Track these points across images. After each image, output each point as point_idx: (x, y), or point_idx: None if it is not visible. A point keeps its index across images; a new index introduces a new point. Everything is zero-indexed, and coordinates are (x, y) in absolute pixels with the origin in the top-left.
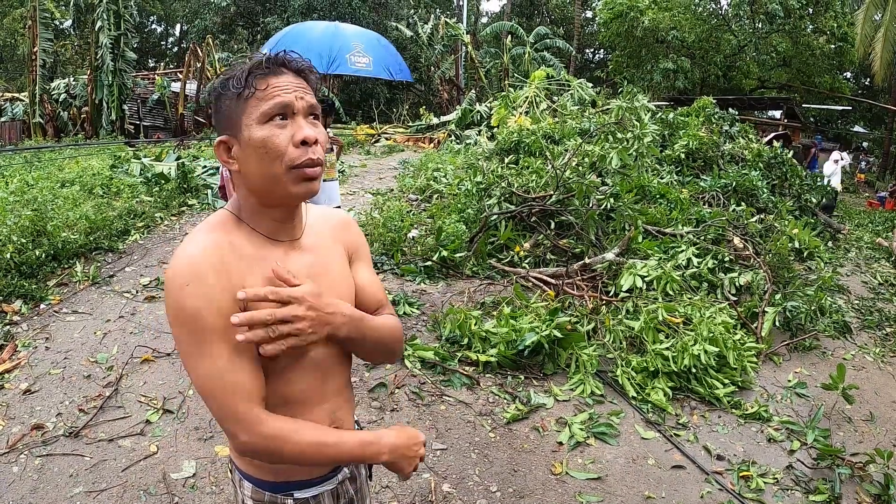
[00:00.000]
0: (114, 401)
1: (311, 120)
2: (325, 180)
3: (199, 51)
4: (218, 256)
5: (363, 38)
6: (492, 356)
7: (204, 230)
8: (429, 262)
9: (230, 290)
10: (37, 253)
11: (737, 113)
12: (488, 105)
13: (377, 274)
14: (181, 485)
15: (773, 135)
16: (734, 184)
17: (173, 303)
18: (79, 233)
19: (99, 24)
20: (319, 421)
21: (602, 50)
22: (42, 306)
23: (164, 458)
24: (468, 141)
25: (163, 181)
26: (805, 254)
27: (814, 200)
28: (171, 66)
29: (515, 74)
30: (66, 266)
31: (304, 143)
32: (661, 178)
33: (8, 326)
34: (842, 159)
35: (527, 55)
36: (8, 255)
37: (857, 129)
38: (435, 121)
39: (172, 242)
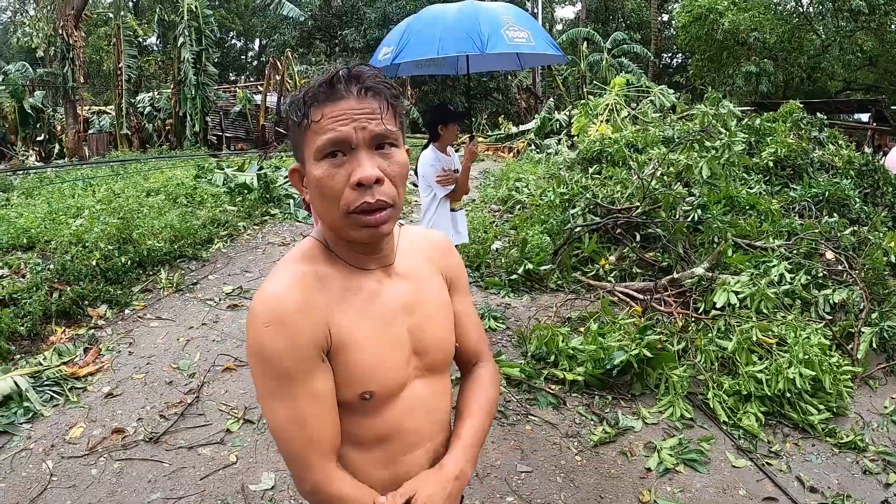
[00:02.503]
0: (195, 408)
1: (382, 151)
2: (452, 210)
3: (278, 64)
4: (302, 295)
5: (510, 11)
6: (579, 375)
7: (290, 262)
8: (513, 276)
9: (313, 332)
10: (122, 260)
11: (825, 117)
12: (567, 113)
13: None
14: (259, 497)
15: None
16: (825, 193)
17: (253, 341)
18: (163, 241)
19: (181, 40)
20: (421, 461)
21: (681, 54)
22: (126, 312)
23: (243, 469)
24: (548, 150)
25: (245, 191)
26: None
27: None
28: (252, 80)
29: (594, 81)
30: (150, 273)
31: (360, 184)
32: (750, 188)
33: (93, 330)
34: None
35: (604, 61)
36: (95, 262)
37: None
38: (514, 130)
39: (255, 251)
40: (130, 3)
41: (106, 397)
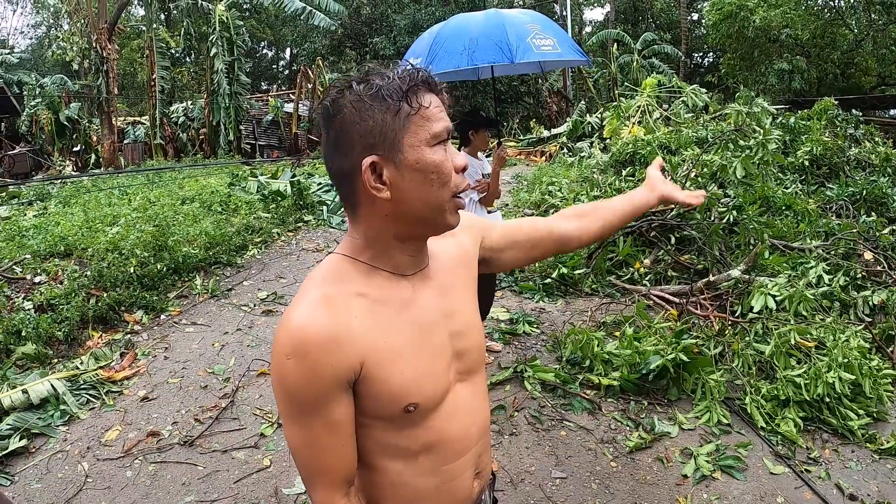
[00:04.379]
0: (229, 412)
1: None
2: (490, 212)
3: (309, 72)
4: (329, 326)
5: (535, 18)
6: (614, 379)
7: (317, 285)
8: (548, 280)
9: (338, 366)
10: (158, 266)
11: (861, 114)
12: (599, 116)
13: (496, 291)
14: (292, 501)
15: None
16: (863, 192)
17: (275, 369)
18: (198, 247)
19: (213, 50)
20: (465, 468)
21: (712, 53)
22: (162, 317)
23: (277, 473)
24: (581, 153)
25: (279, 198)
26: None
27: None
28: (283, 88)
29: (625, 83)
30: (186, 279)
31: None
32: (786, 188)
33: (129, 335)
34: None
35: (635, 63)
36: (131, 268)
37: None
38: (546, 133)
39: (289, 258)
40: (162, 16)
41: (141, 401)
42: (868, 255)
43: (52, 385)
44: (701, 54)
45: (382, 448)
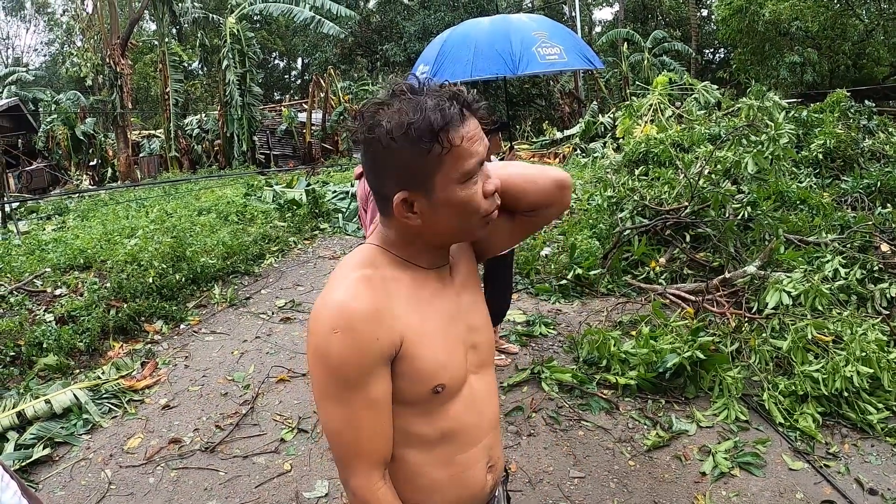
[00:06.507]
0: (249, 418)
1: None
2: None
3: (321, 82)
4: (372, 301)
5: (543, 25)
6: (631, 379)
7: (353, 268)
8: (563, 281)
9: (381, 340)
10: (177, 277)
11: (873, 105)
12: (611, 116)
13: (514, 293)
14: None
15: None
16: (878, 183)
17: (319, 346)
18: (216, 257)
19: (225, 63)
20: (478, 458)
21: (722, 49)
22: (182, 327)
23: (298, 477)
24: (594, 154)
25: (295, 207)
26: None
27: None
28: (296, 98)
29: (636, 82)
30: (204, 289)
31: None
32: (800, 183)
33: (150, 345)
34: None
35: (646, 61)
36: (150, 279)
37: None
38: (559, 135)
39: (306, 265)
40: (174, 30)
41: (163, 409)
42: (885, 247)
43: (74, 395)
44: (711, 50)
45: (404, 437)
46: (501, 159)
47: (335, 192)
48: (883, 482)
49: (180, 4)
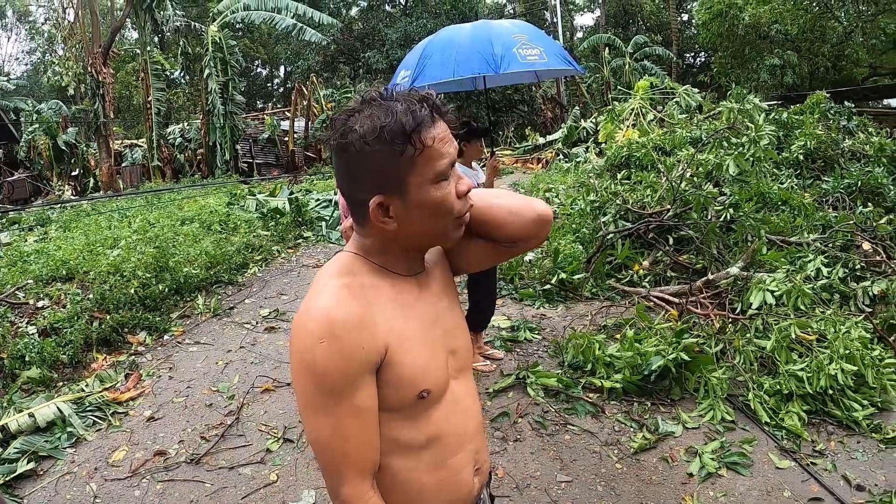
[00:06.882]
0: (235, 429)
1: None
2: None
3: (304, 89)
4: (354, 309)
5: (523, 28)
6: (617, 382)
7: (334, 276)
8: (547, 286)
9: (368, 347)
10: (160, 287)
11: (853, 105)
12: (594, 120)
13: (498, 299)
14: None
15: None
16: (858, 183)
17: (303, 355)
18: (199, 267)
19: (207, 71)
20: (465, 462)
21: (703, 53)
22: (165, 337)
23: (284, 487)
24: (577, 159)
25: (278, 215)
26: None
27: None
28: (279, 106)
29: (618, 87)
30: (188, 299)
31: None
32: (781, 184)
33: (133, 357)
34: None
35: (627, 66)
36: (133, 290)
37: None
38: (541, 140)
39: (290, 274)
40: (156, 39)
41: (147, 421)
42: (866, 246)
43: (58, 408)
44: (692, 54)
45: (392, 444)
46: (483, 165)
47: (318, 200)
48: (870, 478)
49: (162, 13)
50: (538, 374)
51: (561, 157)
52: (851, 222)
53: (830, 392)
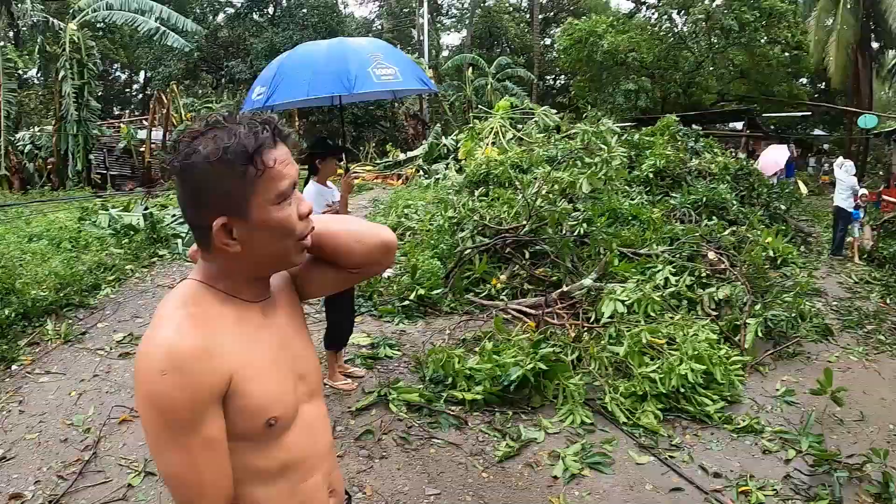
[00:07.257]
0: (93, 465)
1: None
2: None
3: (163, 97)
4: (199, 339)
5: (379, 47)
6: (478, 394)
7: (177, 306)
8: (406, 302)
9: (212, 378)
10: (6, 312)
11: (700, 128)
12: (454, 138)
13: (357, 316)
14: None
15: None
16: (704, 199)
17: (148, 389)
18: (48, 289)
19: (62, 73)
20: (319, 486)
21: (563, 76)
22: (14, 368)
23: None
24: (437, 175)
25: (132, 232)
26: (779, 261)
27: (782, 207)
28: (137, 113)
29: (479, 105)
30: (36, 324)
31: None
32: (632, 200)
33: None
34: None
35: (489, 86)
36: None
37: (816, 132)
38: (402, 157)
39: (145, 295)
40: (11, 33)
41: None
42: (711, 255)
43: None
44: (553, 77)
45: (245, 473)
46: (336, 182)
47: (174, 216)
48: (725, 465)
49: (20, 5)
50: (400, 390)
51: (421, 173)
52: (697, 234)
53: (683, 390)
